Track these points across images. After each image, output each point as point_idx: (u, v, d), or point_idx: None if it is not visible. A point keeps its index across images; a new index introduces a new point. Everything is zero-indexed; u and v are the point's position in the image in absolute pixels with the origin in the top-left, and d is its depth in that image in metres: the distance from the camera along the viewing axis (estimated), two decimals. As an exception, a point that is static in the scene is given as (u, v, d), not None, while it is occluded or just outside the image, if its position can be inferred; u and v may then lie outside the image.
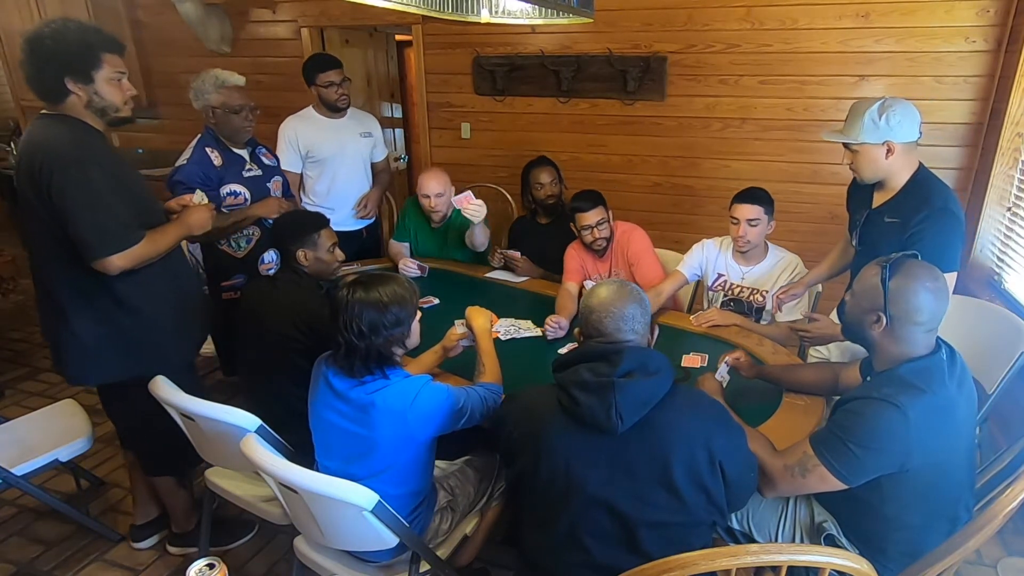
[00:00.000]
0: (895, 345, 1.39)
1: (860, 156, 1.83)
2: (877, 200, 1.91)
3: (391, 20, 3.97)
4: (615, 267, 2.66)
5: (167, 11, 4.31)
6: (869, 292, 1.40)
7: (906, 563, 1.40)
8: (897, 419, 1.29)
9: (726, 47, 3.28)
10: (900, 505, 1.39)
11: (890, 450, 1.31)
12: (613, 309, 1.35)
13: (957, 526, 1.42)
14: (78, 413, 2.34)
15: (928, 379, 1.34)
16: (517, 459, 1.38)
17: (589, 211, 2.53)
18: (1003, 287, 2.71)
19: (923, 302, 1.34)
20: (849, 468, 1.33)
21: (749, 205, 2.29)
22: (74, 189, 1.63)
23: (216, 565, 1.00)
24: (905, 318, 1.35)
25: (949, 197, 1.80)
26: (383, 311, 1.49)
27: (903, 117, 1.76)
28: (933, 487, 1.37)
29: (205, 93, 2.41)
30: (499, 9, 1.91)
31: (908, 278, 1.35)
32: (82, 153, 1.66)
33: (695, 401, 1.36)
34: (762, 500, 1.60)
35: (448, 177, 2.96)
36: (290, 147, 3.04)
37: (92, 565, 2.20)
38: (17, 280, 4.29)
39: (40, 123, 1.71)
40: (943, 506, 1.42)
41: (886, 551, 1.44)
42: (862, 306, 1.42)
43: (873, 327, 1.40)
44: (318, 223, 2.09)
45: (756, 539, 1.60)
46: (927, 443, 1.31)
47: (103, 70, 1.71)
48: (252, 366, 2.06)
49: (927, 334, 1.38)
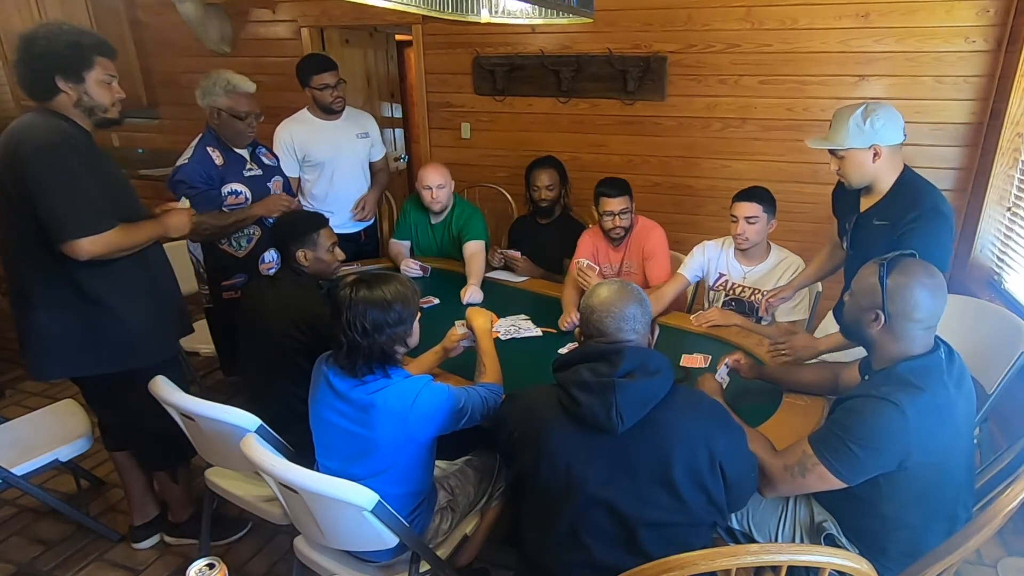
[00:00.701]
0: (894, 343, 1.39)
1: (847, 162, 1.84)
2: (864, 204, 1.91)
3: (391, 20, 3.97)
4: (628, 258, 2.68)
5: (167, 11, 4.30)
6: (867, 291, 1.41)
7: (906, 563, 1.40)
8: (896, 417, 1.29)
9: (726, 47, 3.28)
10: (899, 504, 1.39)
11: (889, 448, 1.31)
12: (614, 309, 1.36)
13: (957, 526, 1.42)
14: (78, 413, 2.34)
15: (926, 378, 1.34)
16: (517, 459, 1.38)
17: (615, 198, 2.56)
18: (1003, 287, 2.70)
19: (921, 299, 1.35)
20: (848, 467, 1.33)
21: (748, 203, 2.31)
22: (48, 172, 1.65)
23: (216, 565, 1.00)
24: (903, 316, 1.36)
25: (938, 197, 1.81)
26: (387, 309, 1.50)
27: (887, 120, 1.77)
28: (932, 487, 1.37)
29: (214, 94, 2.41)
30: (499, 9, 1.91)
31: (906, 276, 1.36)
32: (60, 139, 1.68)
33: (695, 401, 1.36)
34: (762, 500, 1.60)
35: (448, 171, 2.99)
36: (286, 151, 3.02)
37: (92, 565, 2.20)
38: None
39: (26, 116, 1.75)
40: (942, 506, 1.42)
41: (886, 551, 1.44)
42: (861, 305, 1.43)
43: (872, 325, 1.40)
44: (318, 223, 2.08)
45: (756, 539, 1.60)
46: (925, 442, 1.31)
47: (94, 71, 1.75)
48: (252, 366, 2.06)
49: (925, 332, 1.38)
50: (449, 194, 2.98)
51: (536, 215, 3.09)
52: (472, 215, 3.02)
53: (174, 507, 2.21)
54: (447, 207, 3.04)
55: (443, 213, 3.06)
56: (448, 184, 2.95)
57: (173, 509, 2.22)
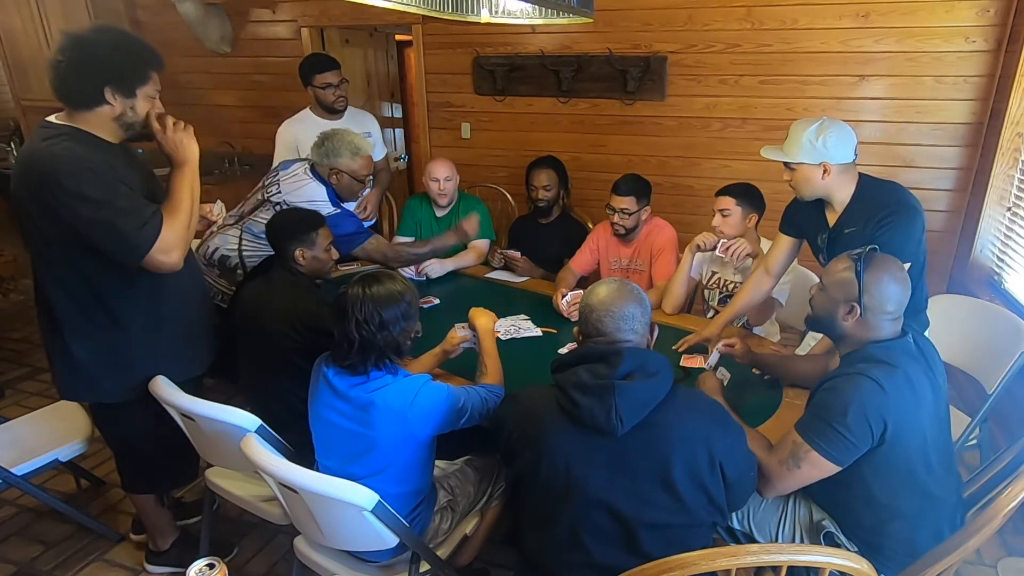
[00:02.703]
0: (865, 332, 1.46)
1: (798, 174, 1.89)
2: (832, 218, 1.94)
3: (391, 20, 3.97)
4: (638, 256, 2.70)
5: (167, 11, 4.31)
6: (842, 285, 1.46)
7: (904, 563, 1.41)
8: (873, 389, 1.35)
9: (726, 47, 3.28)
10: (888, 488, 1.42)
11: (873, 417, 1.34)
12: (613, 308, 1.35)
13: (953, 518, 1.45)
14: (78, 413, 2.34)
15: (896, 357, 1.40)
16: (517, 459, 1.38)
17: (621, 196, 2.58)
18: (1003, 287, 2.71)
19: (893, 292, 1.43)
20: (838, 447, 1.37)
21: (721, 196, 2.40)
22: (83, 206, 1.53)
23: (216, 565, 1.00)
24: (878, 308, 1.43)
25: (903, 192, 1.84)
26: (399, 301, 1.53)
27: (839, 140, 1.80)
28: (916, 470, 1.41)
29: (340, 156, 2.48)
30: (499, 9, 1.91)
31: (879, 271, 1.43)
32: (76, 167, 1.53)
33: (695, 402, 1.36)
34: (763, 501, 1.61)
35: (455, 166, 3.04)
36: (289, 152, 3.02)
37: (92, 565, 2.20)
38: (17, 280, 4.30)
39: (43, 136, 1.58)
40: (931, 493, 1.44)
41: (882, 548, 1.45)
42: (835, 298, 1.48)
43: (846, 318, 1.46)
44: (315, 222, 2.07)
45: (756, 539, 1.61)
46: (904, 414, 1.36)
47: (147, 87, 1.65)
48: (251, 366, 2.06)
49: (894, 322, 1.45)
50: (455, 187, 3.05)
51: (536, 215, 3.10)
52: (476, 208, 3.07)
53: (155, 535, 2.14)
54: (453, 200, 3.09)
55: (449, 207, 3.09)
56: (455, 177, 3.02)
57: (155, 537, 2.14)
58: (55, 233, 1.59)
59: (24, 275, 4.17)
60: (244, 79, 4.48)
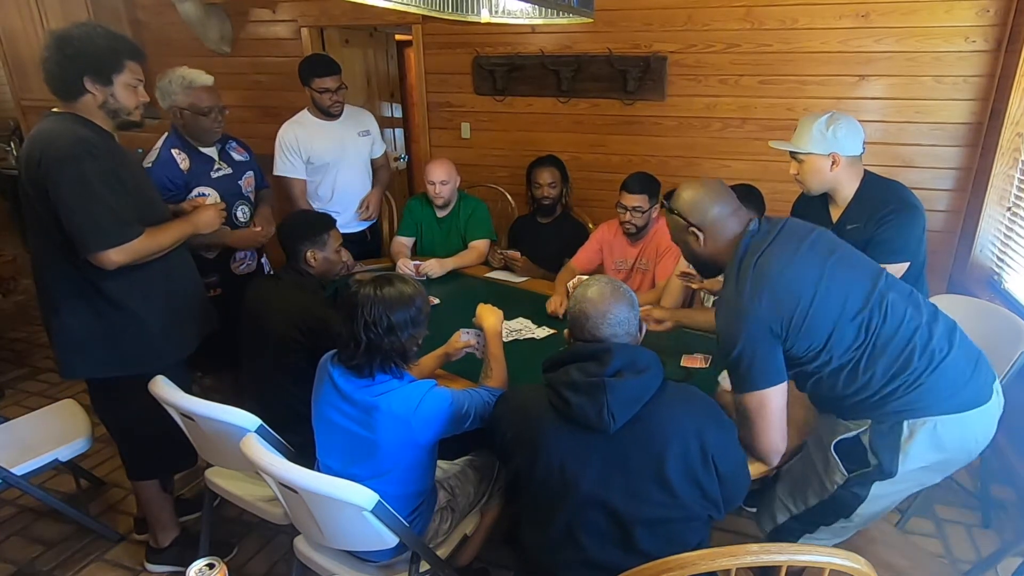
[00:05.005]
0: (720, 241, 1.53)
1: (806, 166, 1.89)
2: (835, 214, 1.95)
3: (391, 20, 3.97)
4: (643, 256, 2.70)
5: (167, 11, 4.31)
6: (675, 227, 1.60)
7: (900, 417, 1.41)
8: (750, 295, 1.39)
9: (726, 47, 3.28)
10: (846, 360, 1.40)
11: (773, 316, 1.37)
12: (603, 308, 1.36)
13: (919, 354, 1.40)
14: (78, 413, 2.34)
15: (764, 235, 1.46)
16: (512, 459, 1.39)
17: (631, 194, 2.58)
18: (1003, 287, 2.71)
19: (700, 198, 1.53)
20: (769, 370, 1.40)
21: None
22: (69, 185, 1.65)
23: (216, 565, 1.00)
24: (703, 218, 1.53)
25: (905, 191, 1.85)
26: (409, 305, 1.52)
27: (848, 131, 1.82)
28: (870, 322, 1.38)
29: (172, 94, 2.34)
30: (499, 9, 1.91)
31: (680, 196, 1.57)
32: (78, 149, 1.67)
33: (686, 396, 1.36)
34: (782, 478, 1.62)
35: (454, 167, 3.04)
36: (293, 154, 3.02)
37: (92, 565, 2.20)
38: (18, 280, 4.30)
39: (47, 120, 1.75)
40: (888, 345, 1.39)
41: (887, 404, 1.42)
42: (683, 240, 1.59)
43: (701, 245, 1.55)
44: (327, 223, 2.10)
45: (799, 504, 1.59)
46: (799, 279, 1.39)
47: (123, 75, 1.76)
48: (254, 366, 2.06)
49: (732, 216, 1.53)
50: (453, 190, 3.04)
51: (537, 214, 3.10)
52: (477, 208, 3.10)
53: (157, 530, 2.14)
54: (450, 202, 3.08)
55: (448, 208, 3.10)
56: (452, 180, 3.01)
57: (156, 532, 2.15)
58: (43, 208, 1.70)
59: (25, 275, 4.17)
60: (244, 79, 4.48)
